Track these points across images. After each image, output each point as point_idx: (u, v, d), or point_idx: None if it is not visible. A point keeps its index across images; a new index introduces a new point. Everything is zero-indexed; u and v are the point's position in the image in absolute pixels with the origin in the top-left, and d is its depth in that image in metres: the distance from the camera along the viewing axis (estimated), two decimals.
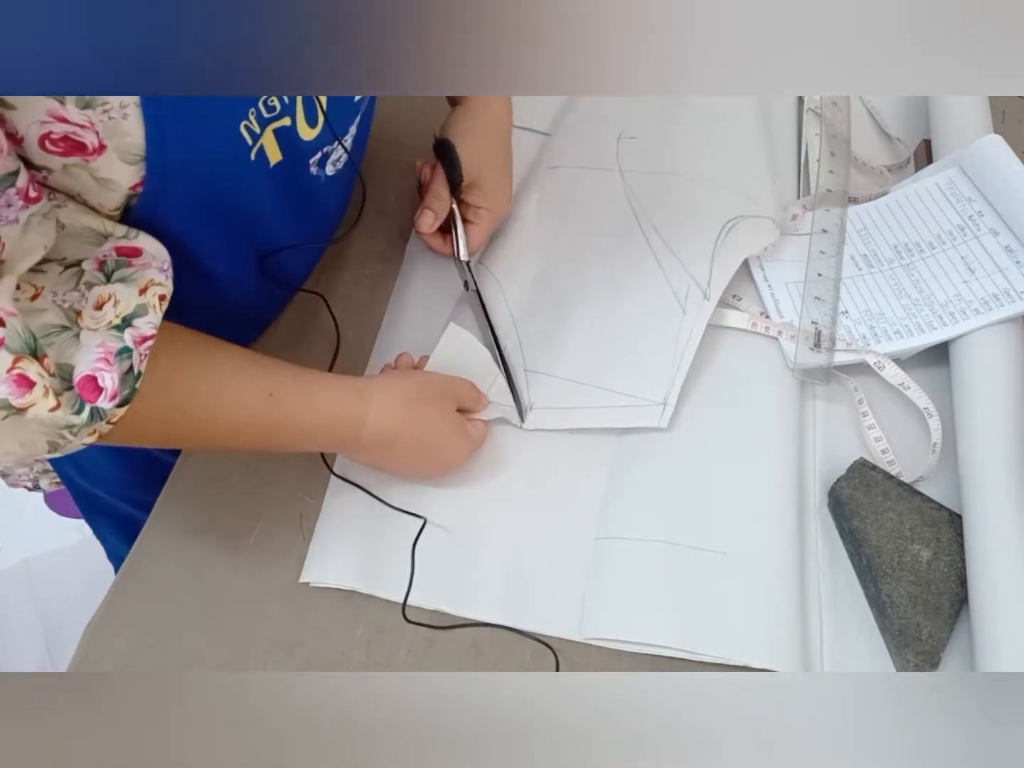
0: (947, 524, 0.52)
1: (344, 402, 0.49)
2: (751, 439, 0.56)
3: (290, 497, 0.55)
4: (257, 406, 0.45)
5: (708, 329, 0.58)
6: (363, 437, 0.49)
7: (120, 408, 0.38)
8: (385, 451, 0.51)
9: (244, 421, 0.45)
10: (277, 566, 0.52)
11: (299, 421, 0.47)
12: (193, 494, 0.55)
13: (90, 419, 0.36)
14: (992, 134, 0.65)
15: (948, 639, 0.49)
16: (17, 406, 0.34)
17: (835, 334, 0.60)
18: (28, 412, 0.34)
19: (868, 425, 0.57)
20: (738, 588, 0.51)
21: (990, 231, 0.62)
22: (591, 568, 0.52)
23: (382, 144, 0.69)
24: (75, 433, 0.36)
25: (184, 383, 0.43)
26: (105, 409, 0.37)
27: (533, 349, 0.59)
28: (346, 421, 0.49)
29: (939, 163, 0.67)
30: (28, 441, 0.36)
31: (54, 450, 0.37)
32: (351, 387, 0.50)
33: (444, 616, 0.51)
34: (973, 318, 0.58)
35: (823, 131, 0.71)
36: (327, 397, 0.49)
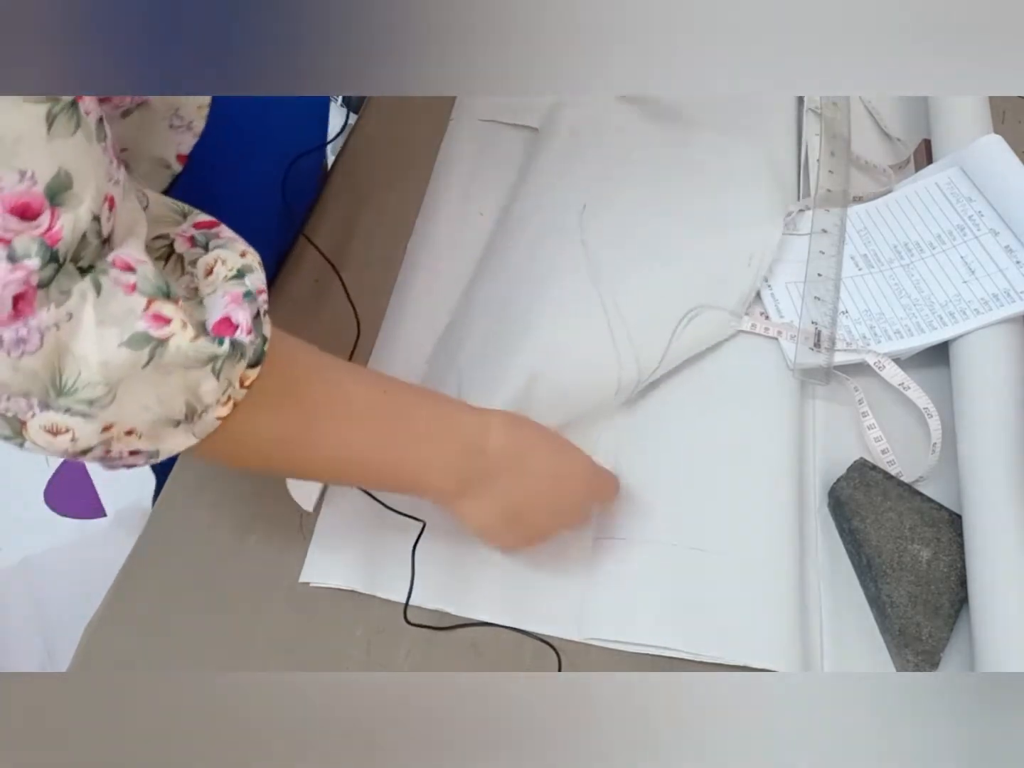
0: (947, 524, 0.52)
1: (463, 408, 0.46)
2: (751, 439, 0.56)
3: (290, 497, 0.54)
4: (374, 399, 0.43)
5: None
6: (494, 447, 0.44)
7: (252, 370, 0.36)
8: (518, 466, 0.45)
9: (361, 412, 0.42)
10: (277, 566, 0.52)
11: (415, 418, 0.44)
12: (193, 494, 0.55)
13: (231, 350, 0.35)
14: (992, 134, 0.65)
15: (948, 639, 0.49)
16: (157, 336, 0.33)
17: (835, 334, 0.60)
18: (170, 344, 0.33)
19: (868, 425, 0.57)
20: (738, 588, 0.51)
21: (990, 231, 0.62)
22: (591, 568, 0.52)
23: (382, 144, 0.70)
24: (218, 371, 0.35)
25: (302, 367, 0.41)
26: (244, 343, 0.35)
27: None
28: (468, 422, 0.45)
29: (939, 163, 0.67)
30: (167, 395, 0.34)
31: (190, 416, 0.35)
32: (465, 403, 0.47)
33: (444, 616, 0.51)
34: (973, 318, 0.58)
35: (823, 131, 0.71)
36: (443, 399, 0.47)
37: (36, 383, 0.31)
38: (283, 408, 0.40)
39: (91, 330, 0.31)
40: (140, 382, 0.33)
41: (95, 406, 0.33)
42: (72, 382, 0.32)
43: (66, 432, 0.33)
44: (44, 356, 0.31)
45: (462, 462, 0.44)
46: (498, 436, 0.45)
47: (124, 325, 0.32)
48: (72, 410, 0.32)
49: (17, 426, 0.33)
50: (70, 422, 0.33)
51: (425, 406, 0.45)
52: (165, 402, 0.34)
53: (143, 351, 0.32)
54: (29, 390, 0.31)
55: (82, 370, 0.32)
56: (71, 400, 0.32)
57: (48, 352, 0.31)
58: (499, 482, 0.45)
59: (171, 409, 0.35)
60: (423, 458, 0.44)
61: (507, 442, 0.45)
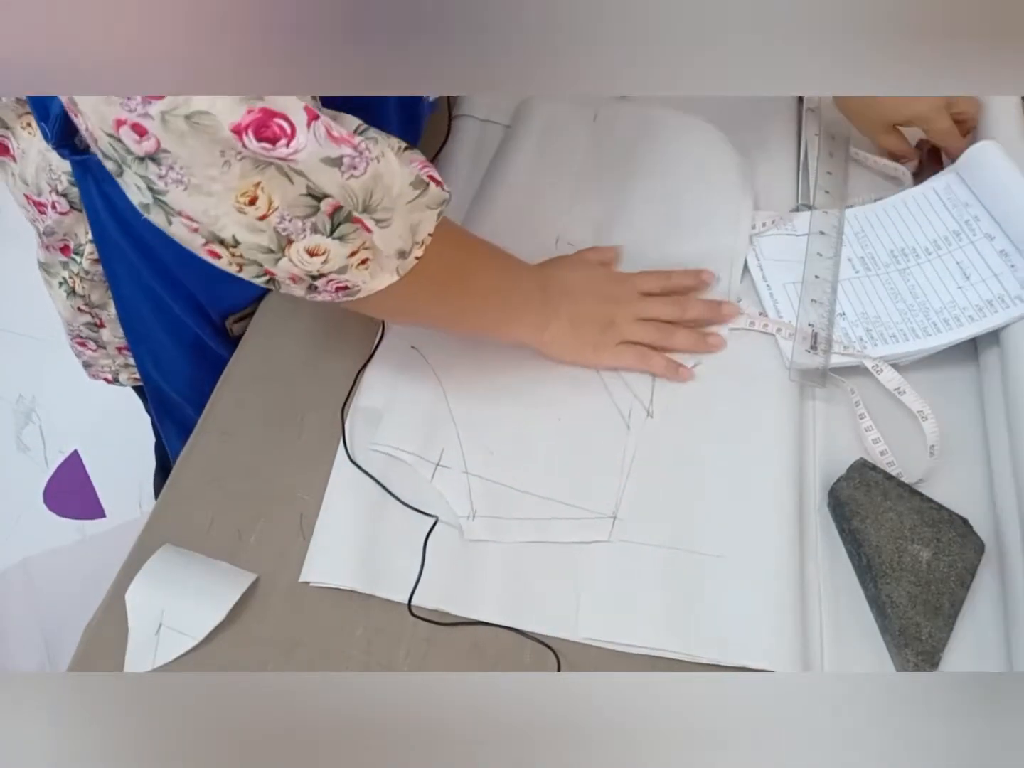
0: (947, 524, 0.52)
1: (525, 267, 0.58)
2: (750, 439, 0.56)
3: (290, 497, 0.55)
4: (492, 249, 0.55)
5: None
6: (548, 285, 0.58)
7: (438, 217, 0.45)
8: (565, 290, 0.58)
9: (485, 254, 0.55)
10: (277, 566, 0.52)
11: (513, 266, 0.57)
12: (193, 494, 0.55)
13: (448, 198, 0.45)
14: (988, 140, 0.65)
15: (948, 639, 0.49)
16: (426, 180, 0.43)
17: (832, 336, 0.60)
18: (431, 188, 0.43)
19: (866, 427, 0.57)
20: (738, 589, 0.51)
21: (985, 235, 0.62)
22: (591, 569, 0.52)
23: None
24: (439, 213, 0.44)
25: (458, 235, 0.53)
26: (448, 195, 0.45)
27: (475, 454, 0.56)
28: (529, 275, 0.58)
29: (941, 173, 0.68)
30: (408, 229, 0.43)
31: (405, 253, 0.44)
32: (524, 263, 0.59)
33: (445, 615, 0.51)
34: (967, 325, 0.59)
35: (822, 131, 0.71)
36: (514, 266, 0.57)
37: (351, 199, 0.40)
38: (443, 258, 0.48)
39: (396, 168, 0.41)
40: (403, 214, 0.42)
41: (381, 224, 0.42)
42: (378, 202, 0.41)
43: (322, 254, 0.41)
44: (365, 180, 0.39)
45: (538, 295, 0.58)
46: (545, 277, 0.59)
47: (409, 170, 0.42)
48: (365, 221, 0.41)
49: (284, 243, 0.40)
50: (329, 245, 0.41)
51: (509, 273, 0.57)
52: (406, 234, 0.43)
53: (417, 191, 0.42)
54: (348, 203, 0.40)
55: (385, 196, 0.41)
56: (368, 216, 0.41)
57: (369, 178, 0.40)
58: (559, 308, 0.58)
59: (406, 241, 0.44)
60: (523, 293, 0.57)
61: (553, 279, 0.59)
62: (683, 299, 0.61)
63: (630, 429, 0.57)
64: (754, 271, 0.64)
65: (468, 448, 0.56)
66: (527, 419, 0.58)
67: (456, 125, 0.72)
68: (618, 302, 0.60)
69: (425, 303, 0.51)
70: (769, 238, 0.66)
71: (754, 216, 0.66)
